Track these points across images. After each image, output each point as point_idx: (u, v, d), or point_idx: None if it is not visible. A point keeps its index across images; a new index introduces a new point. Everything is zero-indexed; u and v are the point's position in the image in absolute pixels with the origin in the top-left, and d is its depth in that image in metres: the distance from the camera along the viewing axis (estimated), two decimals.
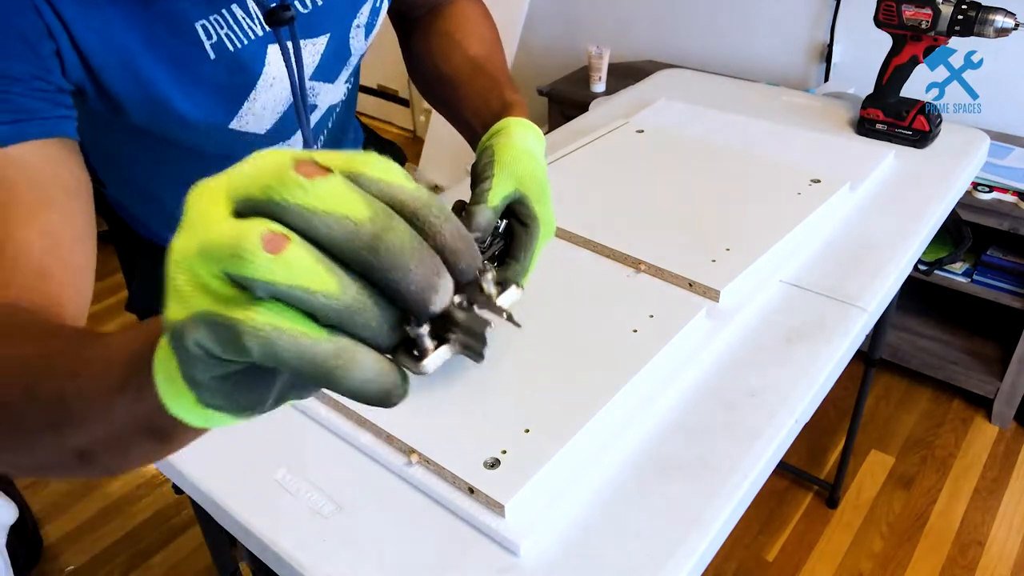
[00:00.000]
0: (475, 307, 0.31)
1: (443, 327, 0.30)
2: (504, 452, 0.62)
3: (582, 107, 1.28)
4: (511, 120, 0.65)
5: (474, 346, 0.31)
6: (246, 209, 0.27)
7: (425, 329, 0.29)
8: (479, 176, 0.60)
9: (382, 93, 3.38)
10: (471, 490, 0.60)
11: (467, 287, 0.31)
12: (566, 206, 0.96)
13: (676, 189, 1.00)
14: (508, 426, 0.64)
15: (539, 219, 0.60)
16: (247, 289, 0.26)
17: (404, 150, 1.08)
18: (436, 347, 0.30)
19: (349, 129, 0.92)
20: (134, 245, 0.84)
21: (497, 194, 0.58)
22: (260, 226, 0.26)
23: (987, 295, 1.71)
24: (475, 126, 0.70)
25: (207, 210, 0.27)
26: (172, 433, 0.37)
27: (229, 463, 0.66)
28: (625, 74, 2.25)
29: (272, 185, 0.26)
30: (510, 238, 0.59)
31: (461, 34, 0.81)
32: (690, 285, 0.82)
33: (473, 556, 0.57)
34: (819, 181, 0.98)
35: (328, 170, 0.27)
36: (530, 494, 0.59)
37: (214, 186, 0.27)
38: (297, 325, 0.26)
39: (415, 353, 0.30)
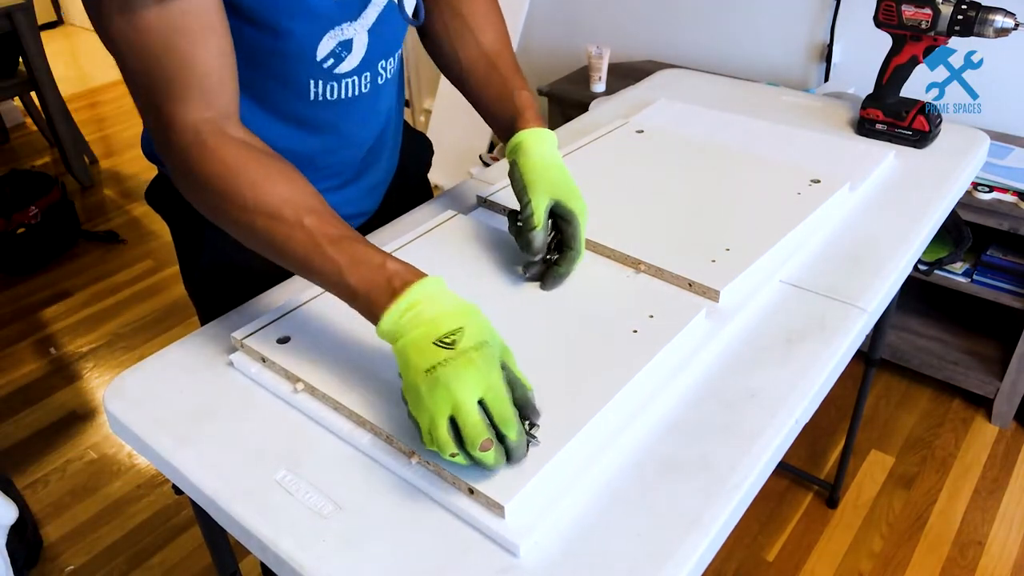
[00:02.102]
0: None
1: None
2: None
3: (582, 107, 1.28)
4: (525, 134, 0.83)
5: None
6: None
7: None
8: (519, 197, 0.81)
9: None
10: (471, 490, 0.60)
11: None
12: None
13: (676, 189, 1.00)
14: None
15: (576, 212, 0.80)
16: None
17: None
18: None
19: (397, 109, 0.99)
20: (199, 220, 0.84)
21: (539, 215, 0.78)
22: (487, 434, 0.57)
23: (987, 295, 1.71)
24: (493, 126, 0.90)
25: (479, 387, 0.59)
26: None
27: (229, 463, 0.66)
28: (625, 74, 2.25)
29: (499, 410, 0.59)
30: (559, 231, 0.81)
31: (474, 19, 0.91)
32: (690, 285, 0.82)
33: (473, 556, 0.57)
34: (819, 181, 0.98)
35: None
36: (530, 494, 0.59)
37: (491, 375, 0.59)
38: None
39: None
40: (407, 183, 1.08)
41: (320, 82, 0.81)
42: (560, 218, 0.80)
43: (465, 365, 0.58)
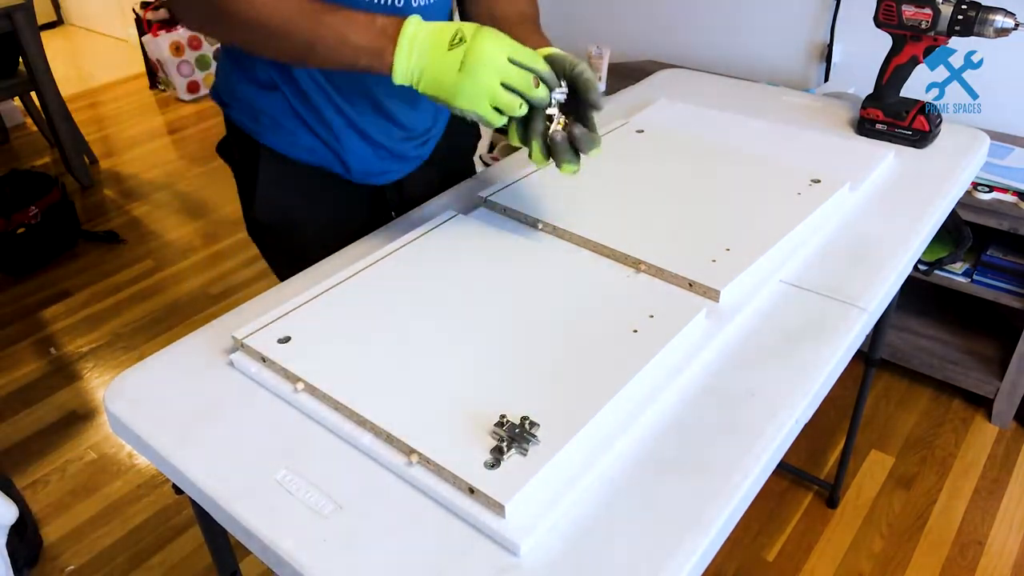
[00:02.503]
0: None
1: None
2: (505, 452, 0.61)
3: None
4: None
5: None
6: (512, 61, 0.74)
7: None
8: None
9: None
10: (471, 490, 0.60)
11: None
12: (566, 206, 0.96)
13: (676, 189, 1.00)
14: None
15: (574, 61, 0.82)
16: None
17: None
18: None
19: None
20: (255, 157, 0.98)
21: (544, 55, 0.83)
22: (531, 76, 0.75)
23: (987, 295, 1.71)
24: None
25: (504, 49, 0.74)
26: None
27: (229, 463, 0.66)
28: (625, 74, 2.25)
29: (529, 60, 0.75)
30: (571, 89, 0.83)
31: None
32: (690, 285, 0.82)
33: (473, 556, 0.57)
34: (819, 181, 0.98)
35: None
36: (530, 494, 0.59)
37: (506, 42, 0.74)
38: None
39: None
40: (456, 152, 1.14)
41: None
42: (567, 77, 0.81)
43: (482, 41, 0.73)
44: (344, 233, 0.97)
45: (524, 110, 0.76)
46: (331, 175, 1.00)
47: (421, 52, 0.75)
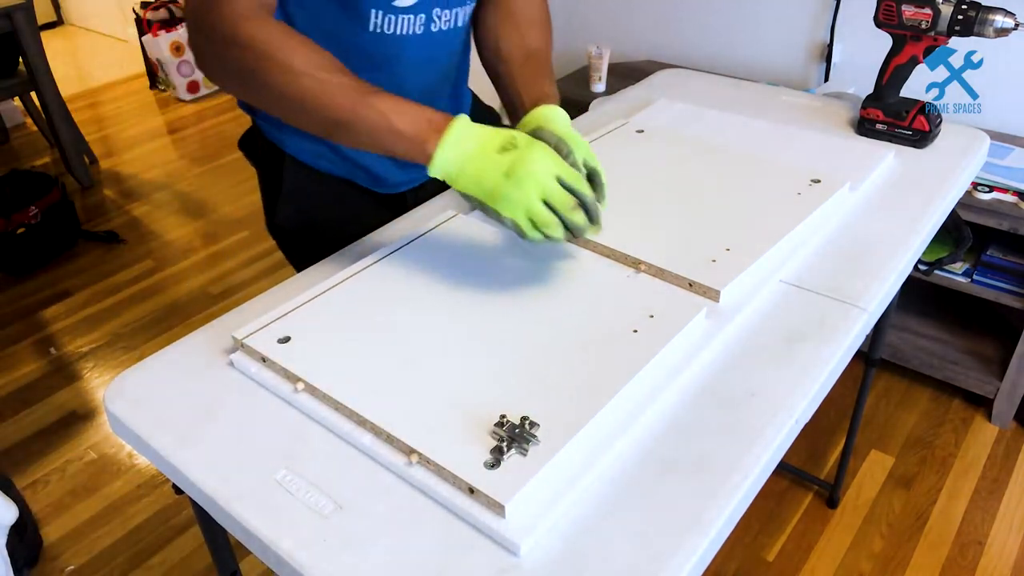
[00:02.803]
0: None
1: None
2: (505, 452, 0.62)
3: (582, 107, 1.29)
4: (541, 108, 0.88)
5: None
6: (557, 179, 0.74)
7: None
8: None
9: None
10: (471, 490, 0.60)
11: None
12: None
13: (676, 189, 1.00)
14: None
15: (568, 139, 0.81)
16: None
17: None
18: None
19: (458, 77, 1.05)
20: (280, 164, 0.99)
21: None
22: (573, 200, 0.75)
23: (987, 295, 1.71)
24: (516, 105, 0.94)
25: (554, 168, 0.73)
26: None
27: (229, 463, 0.66)
28: (625, 74, 2.25)
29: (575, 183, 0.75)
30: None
31: (523, 16, 0.98)
32: (690, 285, 0.82)
33: (473, 556, 0.57)
34: (819, 181, 0.98)
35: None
36: (530, 494, 0.59)
37: (558, 162, 0.74)
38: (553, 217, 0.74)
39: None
40: None
41: (380, 12, 0.86)
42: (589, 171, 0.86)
43: (533, 153, 0.73)
44: (362, 235, 0.98)
45: (561, 233, 0.75)
46: (353, 184, 1.02)
47: (466, 150, 0.74)
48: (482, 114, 1.14)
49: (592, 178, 0.82)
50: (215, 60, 0.78)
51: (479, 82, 1.08)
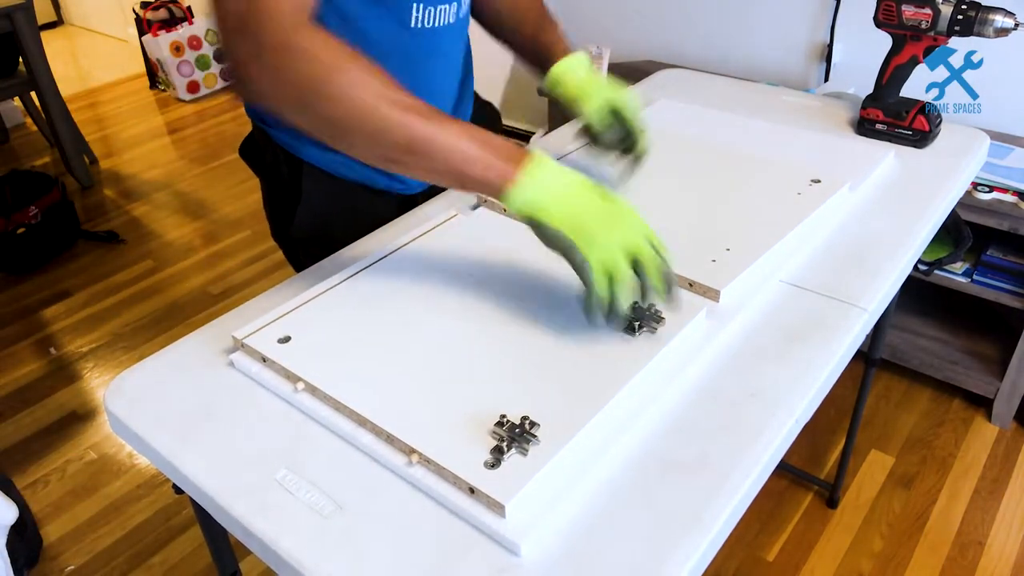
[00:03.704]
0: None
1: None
2: (505, 452, 0.62)
3: None
4: (559, 65, 0.98)
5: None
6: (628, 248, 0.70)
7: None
8: (574, 114, 1.00)
9: None
10: (471, 490, 0.60)
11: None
12: None
13: (674, 189, 1.00)
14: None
15: (623, 100, 0.96)
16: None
17: None
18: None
19: (465, 69, 1.05)
20: (297, 171, 0.97)
21: (601, 116, 0.97)
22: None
23: (987, 295, 1.71)
24: (527, 62, 1.05)
25: (647, 227, 0.71)
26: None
27: (229, 463, 0.66)
28: (625, 74, 2.25)
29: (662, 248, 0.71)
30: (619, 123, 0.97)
31: None
32: (690, 285, 0.82)
33: (473, 556, 0.57)
34: (819, 181, 0.98)
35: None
36: (531, 494, 0.59)
37: (633, 234, 0.70)
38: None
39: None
40: None
41: (421, 5, 0.87)
42: (615, 112, 0.95)
43: (635, 212, 0.71)
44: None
45: (628, 300, 0.70)
46: (370, 188, 1.01)
47: (562, 184, 0.69)
48: (481, 109, 1.14)
49: (618, 110, 0.94)
50: (268, 72, 0.68)
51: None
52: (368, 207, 1.02)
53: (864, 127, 1.16)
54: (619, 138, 0.97)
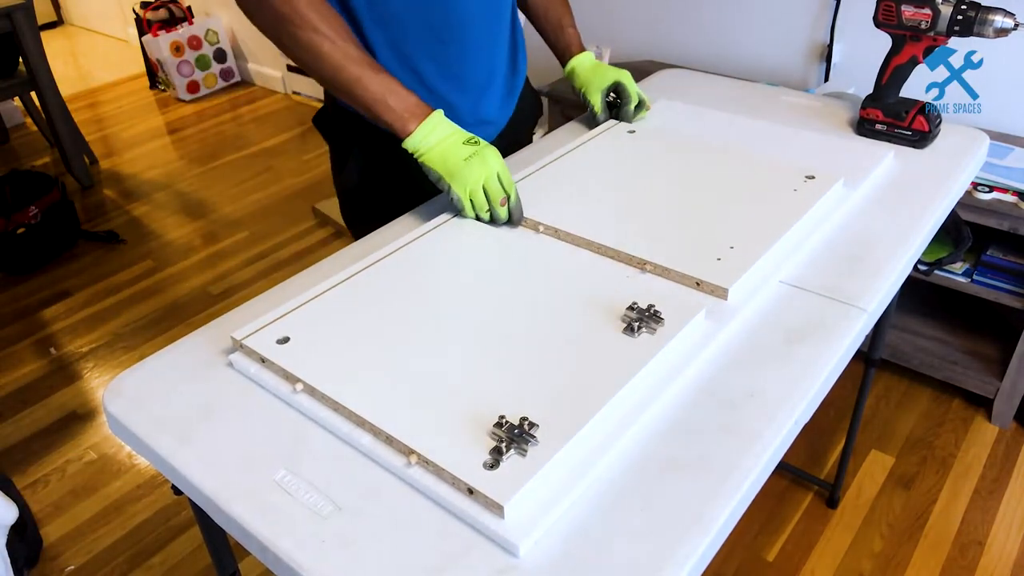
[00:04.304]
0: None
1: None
2: (504, 452, 0.61)
3: (582, 107, 1.29)
4: (574, 60, 1.22)
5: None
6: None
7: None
8: (584, 99, 1.23)
9: None
10: (471, 491, 0.60)
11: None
12: (566, 208, 0.96)
13: (672, 188, 1.00)
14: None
15: (623, 80, 1.19)
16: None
17: None
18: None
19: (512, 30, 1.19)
20: (351, 134, 1.13)
21: (598, 104, 1.21)
22: (503, 194, 0.95)
23: (987, 295, 1.71)
24: (551, 47, 1.26)
25: (499, 166, 0.94)
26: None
27: (228, 463, 0.66)
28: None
29: (509, 184, 0.95)
30: (618, 97, 1.20)
31: None
32: (698, 284, 0.82)
33: (473, 556, 0.57)
34: (813, 177, 0.98)
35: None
36: (530, 495, 0.59)
37: (502, 164, 0.95)
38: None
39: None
40: (521, 125, 1.27)
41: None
42: (614, 91, 1.19)
43: (489, 152, 0.93)
44: (415, 200, 1.07)
45: (486, 216, 0.95)
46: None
47: (440, 135, 0.93)
48: (529, 97, 1.28)
49: (616, 91, 1.18)
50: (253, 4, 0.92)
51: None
52: (408, 168, 1.09)
53: (864, 127, 1.16)
54: (626, 107, 1.19)
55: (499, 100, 1.16)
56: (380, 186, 1.15)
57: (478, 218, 0.95)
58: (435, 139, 0.93)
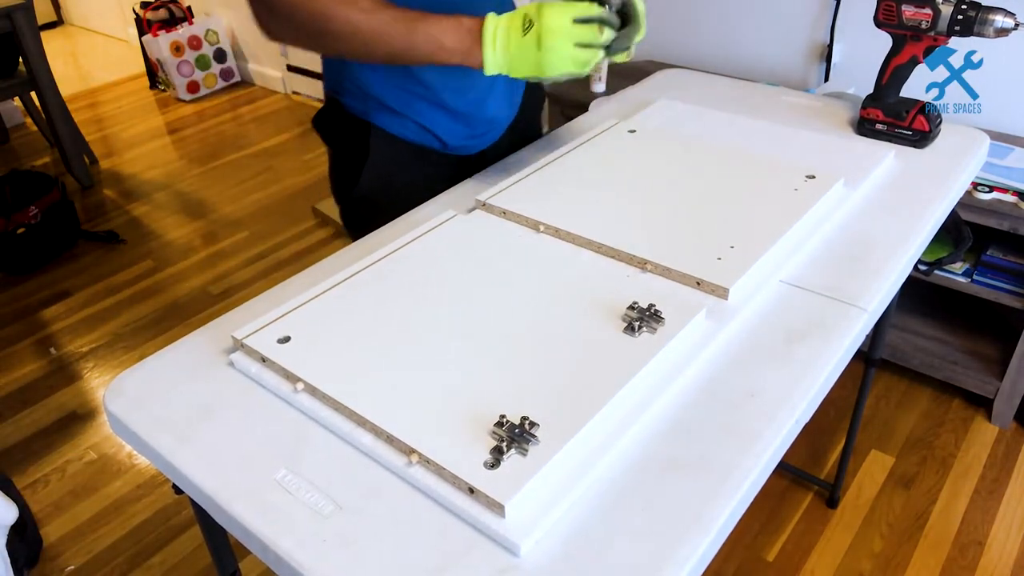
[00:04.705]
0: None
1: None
2: (505, 452, 0.62)
3: (582, 107, 1.29)
4: None
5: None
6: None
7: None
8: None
9: None
10: (471, 490, 0.60)
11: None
12: (565, 207, 0.96)
13: (673, 188, 1.00)
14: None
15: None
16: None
17: None
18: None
19: None
20: (365, 135, 1.09)
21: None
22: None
23: (987, 295, 1.71)
24: None
25: (567, 15, 0.85)
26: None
27: (229, 463, 0.66)
28: (625, 74, 2.24)
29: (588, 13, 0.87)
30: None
31: None
32: (698, 284, 0.82)
33: (473, 556, 0.57)
34: (814, 177, 0.98)
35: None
36: (530, 494, 0.59)
37: (566, 7, 0.85)
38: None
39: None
40: (527, 116, 1.24)
41: None
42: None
43: (547, 18, 0.85)
44: (424, 199, 1.06)
45: (601, 55, 0.88)
46: (429, 150, 1.11)
47: (503, 45, 0.87)
48: (533, 89, 1.23)
49: (626, 8, 0.93)
50: (284, 7, 0.88)
51: None
52: (426, 168, 1.12)
53: (864, 127, 1.16)
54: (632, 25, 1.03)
55: (505, 98, 1.15)
56: (392, 190, 1.12)
57: (607, 51, 0.90)
58: (506, 52, 0.87)
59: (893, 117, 1.13)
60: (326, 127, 1.16)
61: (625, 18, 0.92)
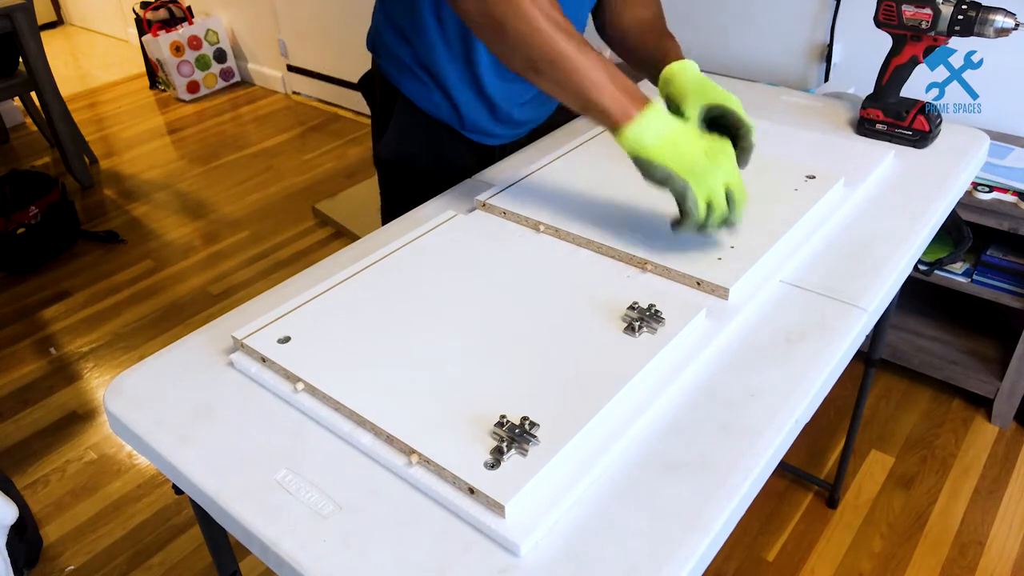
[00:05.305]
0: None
1: None
2: (505, 452, 0.62)
3: None
4: (673, 66, 0.96)
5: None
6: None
7: None
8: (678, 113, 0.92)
9: None
10: (471, 490, 0.60)
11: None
12: (565, 207, 0.96)
13: None
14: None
15: (727, 102, 0.90)
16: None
17: None
18: None
19: None
20: (393, 102, 1.10)
21: (694, 117, 0.90)
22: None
23: (987, 295, 1.71)
24: (646, 70, 1.05)
25: (728, 175, 0.81)
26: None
27: (229, 463, 0.66)
28: (625, 74, 2.24)
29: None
30: (724, 122, 0.90)
31: None
32: (698, 284, 0.82)
33: (473, 556, 0.57)
34: (814, 177, 0.98)
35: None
36: (530, 494, 0.59)
37: (731, 168, 0.81)
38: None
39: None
40: (549, 127, 1.24)
41: None
42: (717, 114, 0.90)
43: (730, 147, 0.82)
44: (452, 178, 1.07)
45: (718, 225, 0.81)
46: (452, 129, 1.12)
47: (670, 124, 0.80)
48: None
49: (721, 112, 0.89)
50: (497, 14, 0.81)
51: None
52: (448, 149, 1.13)
53: (864, 127, 1.16)
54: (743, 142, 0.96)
55: (538, 104, 1.17)
56: (413, 159, 1.13)
57: (703, 227, 0.81)
58: (664, 127, 0.79)
59: (893, 117, 1.13)
60: (367, 88, 1.18)
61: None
